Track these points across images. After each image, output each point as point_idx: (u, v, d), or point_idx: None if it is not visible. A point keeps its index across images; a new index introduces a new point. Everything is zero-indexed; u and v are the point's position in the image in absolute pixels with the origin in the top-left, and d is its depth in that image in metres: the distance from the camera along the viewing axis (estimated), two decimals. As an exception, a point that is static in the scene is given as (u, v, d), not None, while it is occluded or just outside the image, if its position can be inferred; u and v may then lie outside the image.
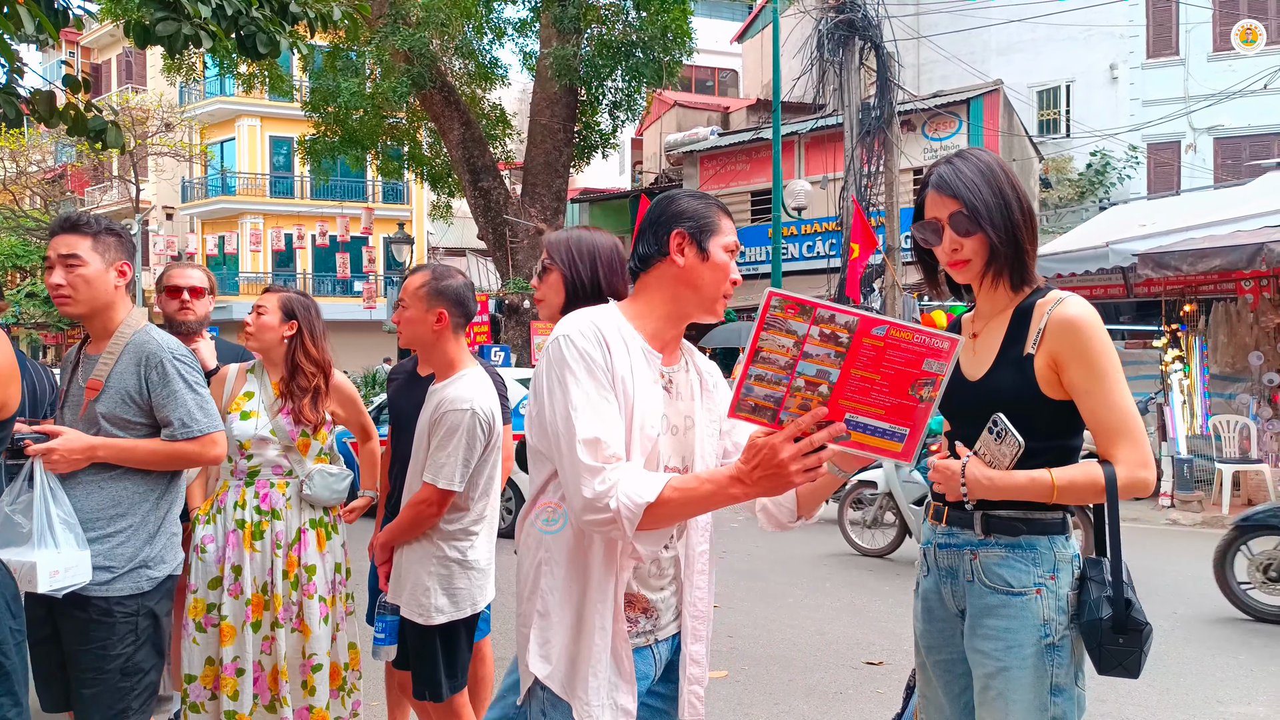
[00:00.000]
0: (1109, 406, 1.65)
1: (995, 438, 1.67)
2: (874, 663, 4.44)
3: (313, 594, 2.85)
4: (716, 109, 21.07)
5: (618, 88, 13.51)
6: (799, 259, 15.78)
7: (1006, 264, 1.74)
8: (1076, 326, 1.66)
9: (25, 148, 24.01)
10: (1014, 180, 1.76)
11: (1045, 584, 1.69)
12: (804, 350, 1.29)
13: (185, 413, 2.28)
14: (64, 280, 2.26)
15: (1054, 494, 1.65)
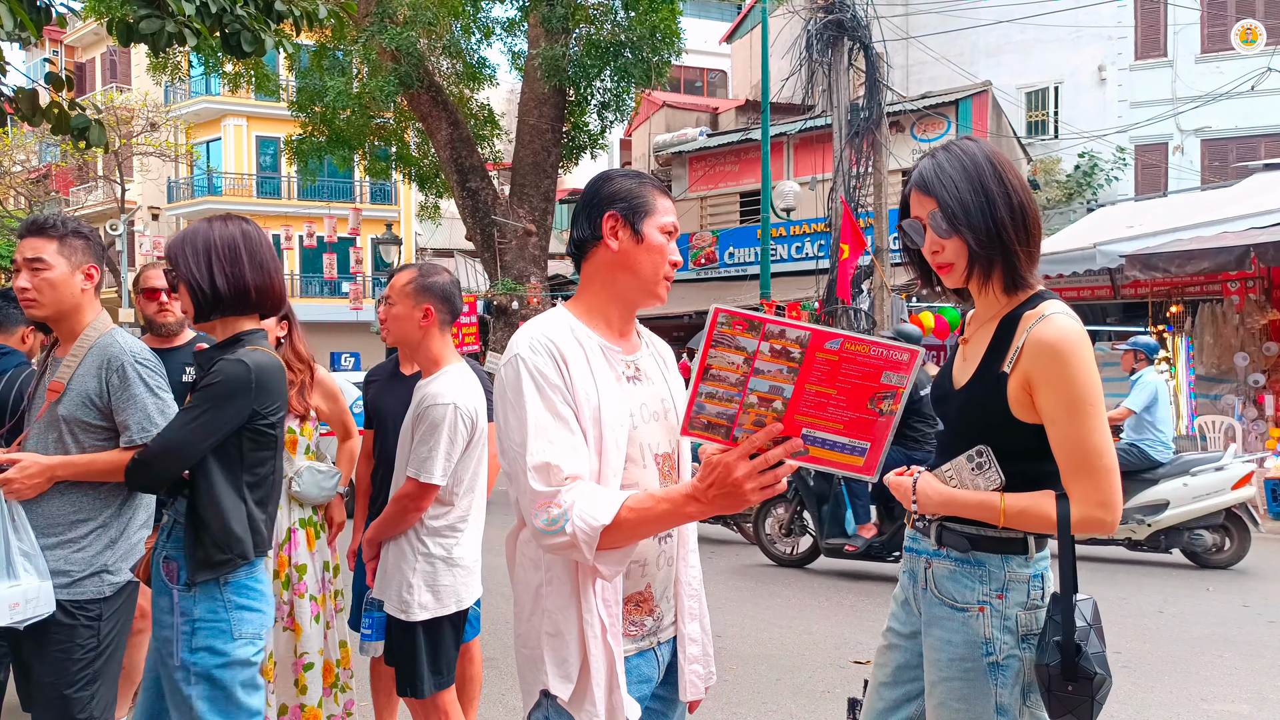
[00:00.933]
0: (1076, 440, 1.56)
1: (975, 468, 1.64)
2: (861, 661, 4.44)
3: (303, 593, 2.85)
4: (705, 109, 21.09)
5: (606, 88, 13.49)
6: (788, 260, 15.80)
7: (992, 267, 1.65)
8: (1054, 350, 1.56)
9: (9, 147, 23.79)
10: (1004, 173, 1.65)
11: (991, 602, 1.64)
12: (755, 367, 1.24)
13: (144, 416, 2.24)
14: (29, 284, 2.25)
15: (1002, 519, 1.62)
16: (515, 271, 13.87)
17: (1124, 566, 6.61)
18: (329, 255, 23.23)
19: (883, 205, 11.13)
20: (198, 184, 27.71)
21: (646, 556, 1.58)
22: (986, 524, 1.65)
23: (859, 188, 11.33)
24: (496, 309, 13.96)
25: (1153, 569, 6.52)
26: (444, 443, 2.48)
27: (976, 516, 1.65)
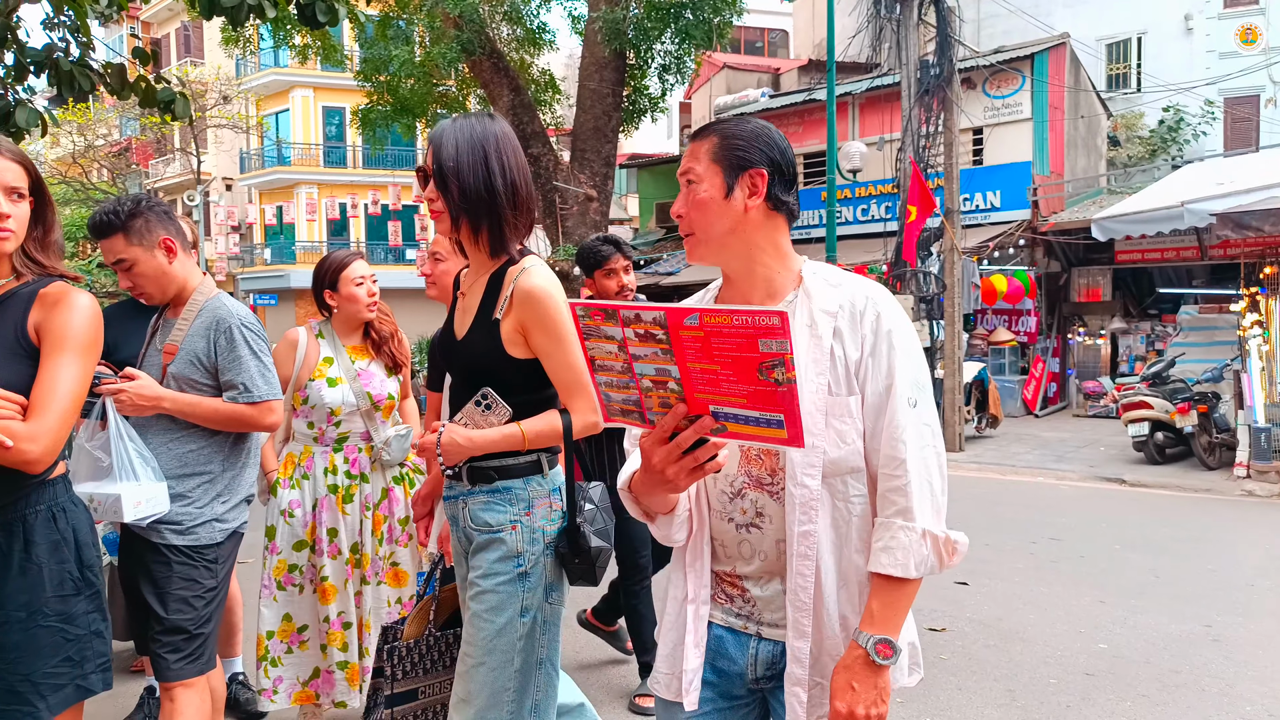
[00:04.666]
0: (566, 366, 1.88)
1: (483, 409, 1.88)
2: (936, 629, 4.41)
3: (406, 543, 2.97)
4: (767, 70, 20.68)
5: (667, 50, 13.30)
6: (853, 222, 15.50)
7: (478, 226, 1.90)
8: (537, 297, 1.86)
9: (92, 122, 24.64)
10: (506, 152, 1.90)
11: (520, 520, 1.92)
12: (630, 353, 1.22)
13: (248, 378, 2.35)
14: (129, 282, 2.38)
15: (525, 443, 1.89)
16: (576, 237, 13.90)
17: (1206, 539, 6.41)
18: (394, 223, 23.58)
19: (954, 165, 10.81)
20: (268, 154, 28.33)
21: (724, 538, 1.50)
22: (507, 455, 1.91)
23: (928, 147, 11.01)
24: (559, 275, 14.04)
25: (1240, 542, 6.31)
26: None
27: (502, 448, 1.89)
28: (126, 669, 3.79)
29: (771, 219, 1.47)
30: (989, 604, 4.83)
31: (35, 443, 1.61)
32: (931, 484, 1.38)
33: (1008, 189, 14.25)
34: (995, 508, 7.56)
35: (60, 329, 1.71)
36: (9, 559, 1.72)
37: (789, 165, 1.48)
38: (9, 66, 4.43)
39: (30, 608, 1.73)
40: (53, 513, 1.78)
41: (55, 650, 1.75)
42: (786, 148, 1.49)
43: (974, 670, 3.90)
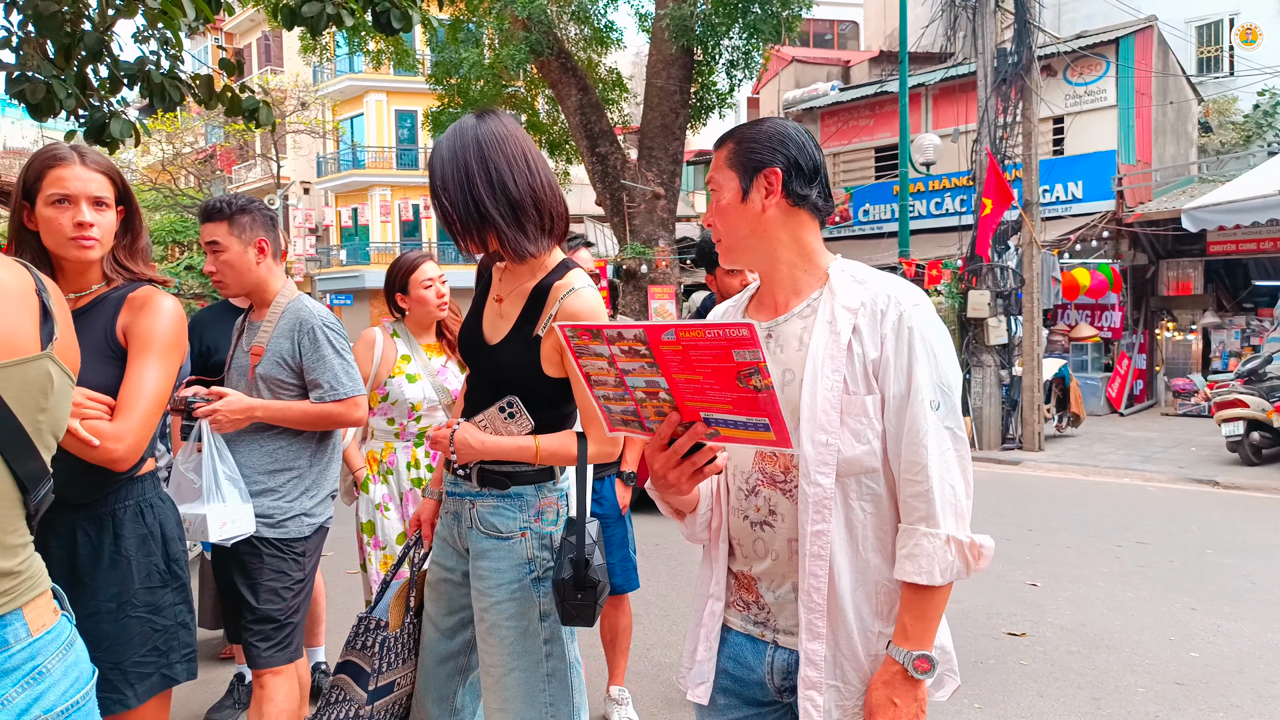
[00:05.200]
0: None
1: (507, 417, 1.87)
2: (1015, 633, 4.29)
3: None
4: (836, 63, 20.37)
5: (734, 46, 13.22)
6: (926, 216, 15.15)
7: (479, 234, 1.82)
8: (579, 317, 1.79)
9: (180, 130, 25.72)
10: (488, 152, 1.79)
11: (530, 526, 1.90)
12: (619, 368, 1.27)
13: (332, 376, 2.43)
14: (214, 266, 2.47)
15: (537, 458, 1.86)
16: (644, 235, 13.93)
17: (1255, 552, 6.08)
18: (464, 224, 24.00)
19: (1033, 156, 10.47)
20: (343, 158, 29.14)
21: (740, 539, 1.50)
22: (520, 463, 1.88)
23: (1005, 138, 10.67)
24: (625, 273, 14.08)
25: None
26: None
27: (515, 459, 1.86)
28: (215, 656, 3.95)
29: (793, 217, 1.46)
30: (1072, 609, 4.67)
31: (120, 442, 1.67)
32: (955, 488, 1.35)
33: (1091, 179, 13.74)
34: (1077, 509, 7.31)
35: (145, 332, 1.78)
36: (100, 552, 1.79)
37: (809, 161, 1.45)
38: (103, 79, 4.65)
39: (120, 599, 1.80)
40: (140, 508, 1.85)
41: (143, 640, 1.82)
42: (805, 144, 1.46)
43: (1056, 677, 3.78)
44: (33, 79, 4.09)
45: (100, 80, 4.64)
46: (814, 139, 1.49)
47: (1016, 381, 10.63)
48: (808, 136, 1.47)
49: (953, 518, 1.34)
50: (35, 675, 1.02)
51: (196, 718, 3.36)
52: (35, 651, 1.03)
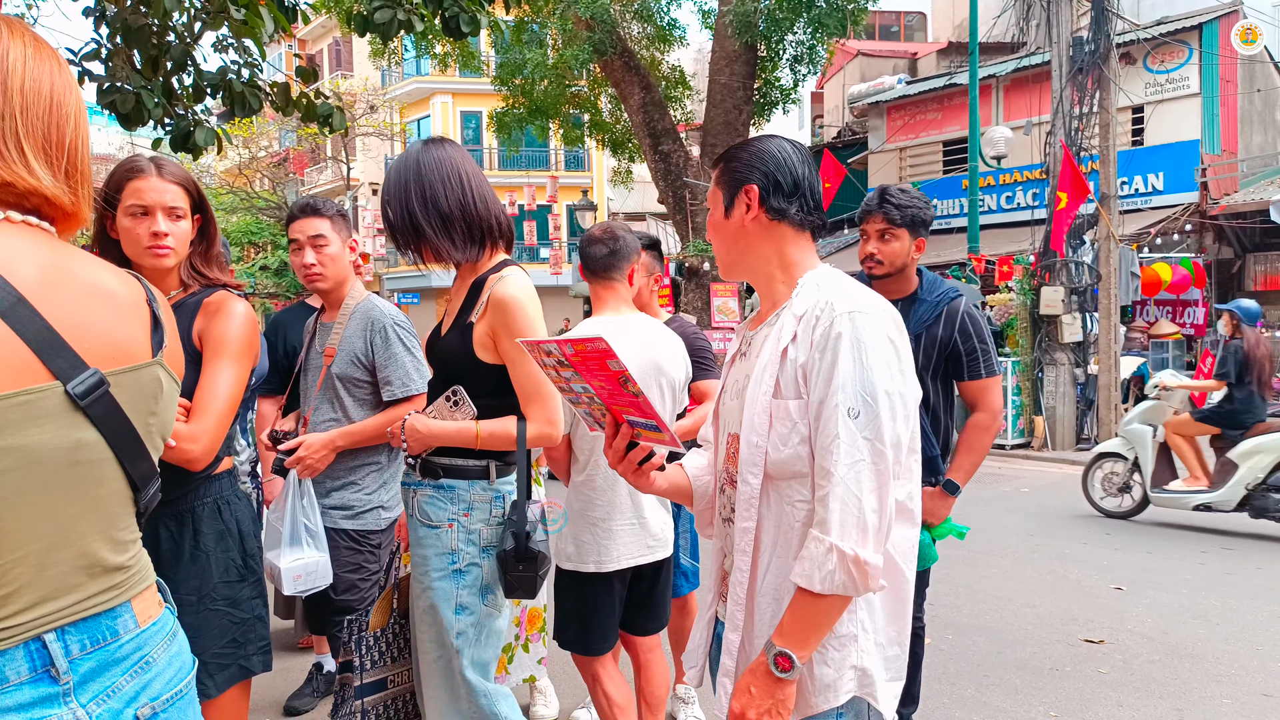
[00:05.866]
0: (527, 374, 1.95)
1: (452, 405, 1.97)
2: (1093, 640, 4.17)
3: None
4: (903, 55, 19.99)
5: (799, 41, 13.08)
6: (997, 211, 14.77)
7: (413, 243, 2.02)
8: (507, 305, 1.93)
9: (255, 135, 26.58)
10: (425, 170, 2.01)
11: (458, 520, 1.98)
12: (563, 375, 1.41)
13: (403, 373, 2.51)
14: (315, 259, 2.54)
15: (478, 442, 1.96)
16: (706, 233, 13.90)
17: None
18: (528, 223, 24.29)
19: (1110, 148, 10.11)
20: (410, 160, 29.73)
21: (718, 534, 1.59)
22: (458, 455, 1.99)
23: (1081, 129, 10.33)
24: (688, 271, 14.07)
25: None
26: None
27: (456, 443, 1.97)
28: (293, 646, 4.08)
29: (774, 231, 1.49)
30: (1152, 616, 4.51)
31: (196, 442, 1.73)
32: (860, 499, 1.30)
33: (1172, 170, 13.23)
34: (1158, 513, 7.05)
35: (219, 335, 1.85)
36: (180, 548, 1.86)
37: (789, 176, 1.48)
38: (187, 89, 4.84)
39: (200, 593, 1.87)
40: (218, 505, 1.92)
41: (223, 633, 1.89)
42: (787, 159, 1.49)
43: (1136, 686, 3.66)
44: (122, 89, 4.28)
45: (185, 89, 4.84)
46: (803, 156, 1.51)
47: (1092, 380, 10.30)
48: (793, 153, 1.50)
49: (853, 530, 1.30)
50: (143, 664, 1.07)
51: (277, 705, 3.47)
52: (143, 642, 1.08)
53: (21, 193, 1.00)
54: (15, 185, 0.99)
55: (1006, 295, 10.81)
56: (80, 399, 0.98)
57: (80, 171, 1.06)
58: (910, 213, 2.63)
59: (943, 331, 2.66)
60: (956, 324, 2.67)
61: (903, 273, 2.70)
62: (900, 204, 2.63)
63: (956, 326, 2.67)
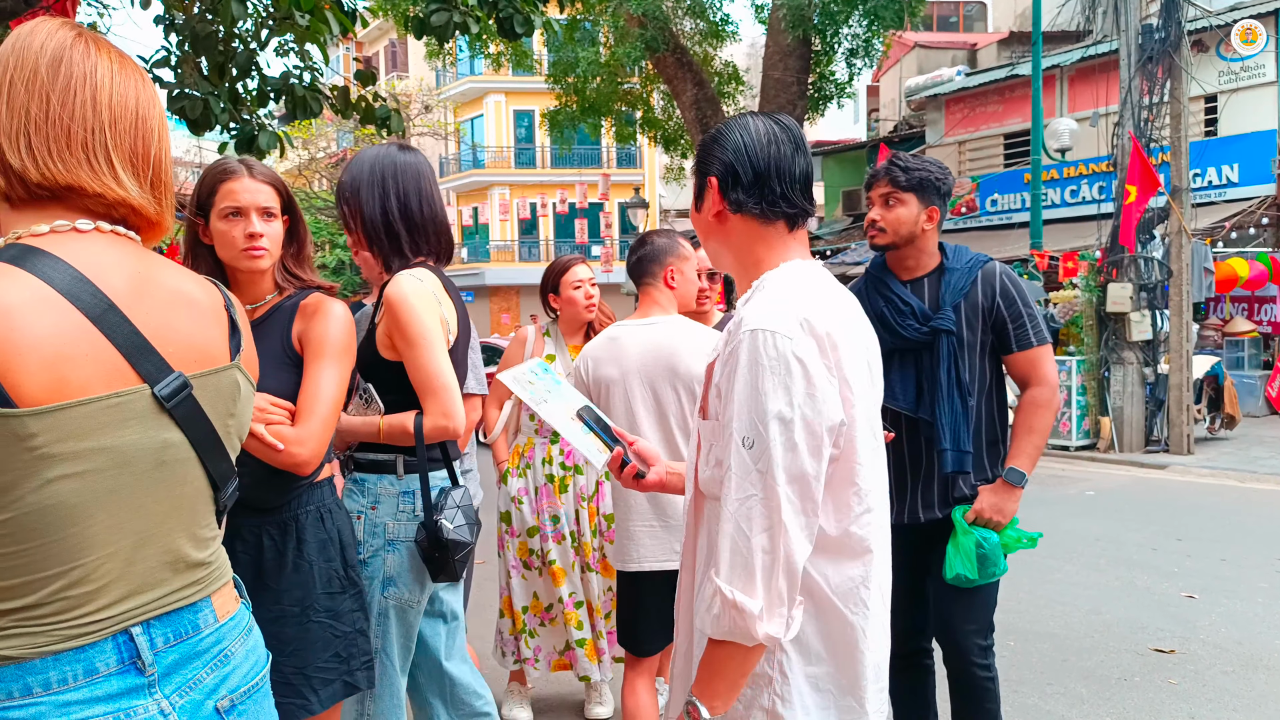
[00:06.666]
0: (417, 368, 1.99)
1: (365, 403, 2.08)
2: (1163, 650, 4.03)
3: (613, 540, 3.10)
4: (962, 47, 19.59)
5: (854, 34, 12.89)
6: (1060, 205, 14.37)
7: (373, 245, 2.11)
8: (393, 303, 1.98)
9: (314, 136, 27.20)
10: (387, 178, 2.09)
11: (365, 512, 2.05)
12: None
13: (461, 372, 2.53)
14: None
15: (380, 436, 2.02)
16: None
17: None
18: (580, 220, 24.41)
19: (1182, 139, 9.75)
20: (464, 158, 30.13)
21: None
22: (371, 450, 2.06)
23: (1151, 120, 9.98)
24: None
25: None
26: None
27: (364, 437, 2.04)
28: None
29: (740, 224, 1.40)
30: (1226, 625, 4.34)
31: (304, 446, 1.71)
32: (749, 537, 1.19)
33: (1248, 161, 12.72)
34: (1233, 518, 6.78)
35: (320, 338, 1.83)
36: (283, 556, 1.83)
37: (749, 164, 1.36)
38: (251, 93, 4.96)
39: (304, 603, 1.83)
40: (320, 514, 1.89)
41: (326, 645, 1.84)
42: (749, 145, 1.37)
43: (1209, 698, 3.52)
44: (190, 95, 4.40)
45: (249, 94, 4.96)
46: (774, 137, 1.38)
47: (1162, 380, 9.95)
48: (761, 136, 1.38)
49: (740, 571, 1.19)
50: (222, 658, 1.11)
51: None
52: (222, 636, 1.12)
53: (111, 203, 1.04)
54: (105, 196, 1.03)
55: (1071, 292, 10.51)
56: (166, 401, 1.02)
57: (164, 182, 1.10)
58: (918, 175, 2.39)
59: (983, 298, 2.38)
60: (997, 287, 2.39)
61: (914, 244, 2.43)
62: (907, 166, 2.41)
63: (997, 290, 2.39)
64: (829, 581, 1.27)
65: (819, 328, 1.24)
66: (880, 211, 2.43)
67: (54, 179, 1.00)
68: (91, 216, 1.04)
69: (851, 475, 1.27)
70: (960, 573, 2.38)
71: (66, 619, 0.96)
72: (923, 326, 2.38)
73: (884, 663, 1.36)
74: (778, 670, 1.27)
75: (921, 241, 2.44)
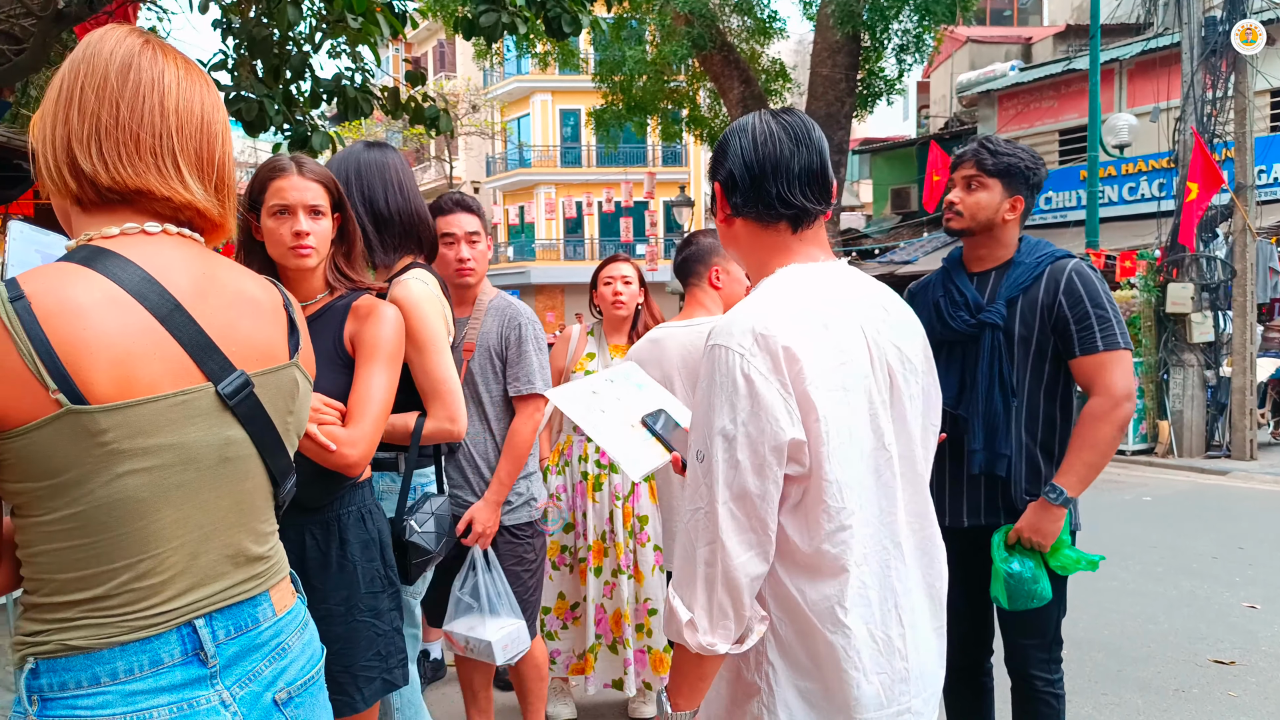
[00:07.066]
0: (426, 372, 2.03)
1: None
2: (1223, 661, 3.90)
3: (645, 542, 3.08)
4: (1016, 41, 19.17)
5: (904, 30, 12.69)
6: (1118, 203, 13.99)
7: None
8: (402, 306, 1.97)
9: (363, 136, 27.66)
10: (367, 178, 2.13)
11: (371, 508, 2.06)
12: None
13: (529, 372, 2.55)
14: (470, 255, 2.56)
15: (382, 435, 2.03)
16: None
17: None
18: (625, 219, 24.44)
19: (1247, 134, 9.42)
20: (510, 158, 30.36)
21: None
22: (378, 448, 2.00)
23: (1214, 115, 9.67)
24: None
25: None
26: None
27: None
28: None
29: (746, 229, 1.38)
30: (1292, 639, 4.19)
31: (355, 447, 1.71)
32: (695, 550, 1.22)
33: (1317, 157, 12.24)
34: (1297, 527, 6.55)
35: (372, 340, 1.83)
36: (328, 557, 1.85)
37: (744, 168, 1.34)
38: (305, 95, 5.06)
39: (349, 603, 1.85)
40: (362, 514, 1.90)
41: (369, 644, 1.86)
42: (742, 150, 1.34)
43: (1271, 712, 3.41)
44: (246, 98, 4.50)
45: (302, 96, 5.06)
46: (770, 133, 1.34)
47: (1225, 383, 9.64)
48: (757, 135, 1.34)
49: (684, 581, 1.23)
50: (280, 651, 1.14)
51: (385, 688, 3.60)
52: (280, 629, 1.14)
53: (177, 206, 1.07)
54: (172, 199, 1.06)
55: (1129, 292, 10.23)
56: (229, 399, 1.05)
57: (227, 185, 1.13)
58: (1006, 161, 2.24)
59: (1044, 295, 2.22)
60: (1061, 285, 2.20)
61: (991, 233, 2.29)
62: (997, 150, 2.26)
63: (1061, 288, 2.20)
64: (805, 598, 1.26)
65: (776, 342, 1.21)
66: (960, 194, 2.29)
67: (124, 183, 1.03)
68: (158, 219, 1.06)
69: (820, 493, 1.24)
70: (996, 596, 2.27)
71: (134, 610, 0.99)
72: (970, 319, 2.27)
73: (905, 689, 1.31)
74: (765, 682, 1.28)
75: (1000, 232, 2.30)
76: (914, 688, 1.32)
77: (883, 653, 1.28)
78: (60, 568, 0.98)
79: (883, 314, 1.35)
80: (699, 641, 1.21)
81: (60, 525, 0.96)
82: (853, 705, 1.27)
